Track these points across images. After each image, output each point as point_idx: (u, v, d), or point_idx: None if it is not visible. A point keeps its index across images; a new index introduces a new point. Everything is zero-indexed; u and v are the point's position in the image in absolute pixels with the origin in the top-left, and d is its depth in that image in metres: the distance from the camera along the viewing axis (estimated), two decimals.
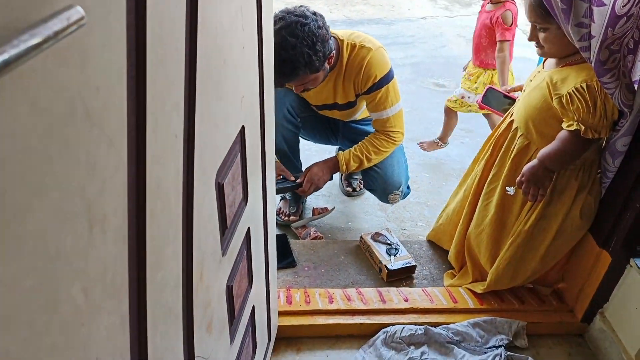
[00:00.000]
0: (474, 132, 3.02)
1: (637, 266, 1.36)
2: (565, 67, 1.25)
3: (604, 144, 1.33)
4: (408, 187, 2.08)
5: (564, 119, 1.24)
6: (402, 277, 1.72)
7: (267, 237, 1.24)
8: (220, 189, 0.79)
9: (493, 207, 1.48)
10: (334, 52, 1.65)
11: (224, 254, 0.84)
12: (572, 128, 1.20)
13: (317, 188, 1.87)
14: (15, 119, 0.31)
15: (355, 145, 1.85)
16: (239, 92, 0.83)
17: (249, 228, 1.01)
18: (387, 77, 1.74)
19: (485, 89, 1.67)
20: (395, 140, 1.85)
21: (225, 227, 0.84)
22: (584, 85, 1.17)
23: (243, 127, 0.88)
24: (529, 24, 1.28)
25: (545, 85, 1.26)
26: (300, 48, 1.47)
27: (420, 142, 2.75)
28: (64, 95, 0.36)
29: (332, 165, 1.87)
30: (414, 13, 5.41)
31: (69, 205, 0.38)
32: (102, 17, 0.40)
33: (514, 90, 1.62)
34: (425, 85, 3.66)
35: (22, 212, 0.33)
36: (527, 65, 3.97)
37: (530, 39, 1.30)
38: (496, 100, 1.66)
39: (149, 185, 0.52)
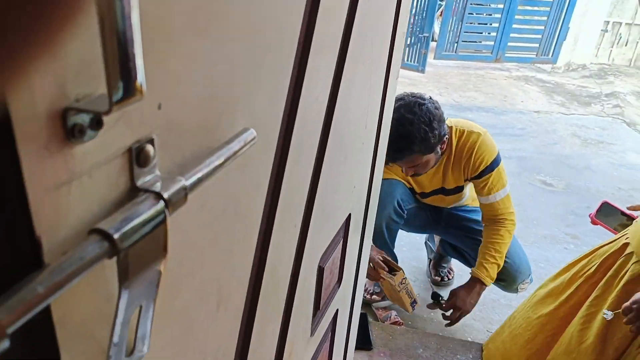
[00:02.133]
0: (581, 239, 2.82)
1: None
2: None
3: None
4: (531, 276, 1.99)
5: None
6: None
7: (351, 320, 1.24)
8: (320, 273, 0.82)
9: (593, 335, 1.35)
10: (447, 136, 1.68)
11: (312, 334, 0.87)
12: None
13: (466, 312, 1.86)
14: (186, 218, 0.37)
15: (479, 254, 1.82)
16: (352, 183, 0.88)
17: (337, 310, 1.03)
18: (497, 160, 1.76)
19: (600, 202, 1.58)
20: (510, 226, 1.81)
21: (318, 309, 0.87)
22: None
23: (350, 214, 0.92)
24: None
25: None
26: (417, 124, 1.54)
27: None
28: (223, 196, 0.42)
29: (478, 288, 1.83)
30: (526, 106, 5.32)
31: (206, 287, 0.43)
32: (264, 130, 0.46)
33: (634, 208, 1.51)
34: (531, 181, 3.52)
35: (174, 291, 0.39)
36: None
37: None
38: (611, 216, 1.56)
39: (267, 270, 0.56)
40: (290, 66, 0.48)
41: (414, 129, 1.54)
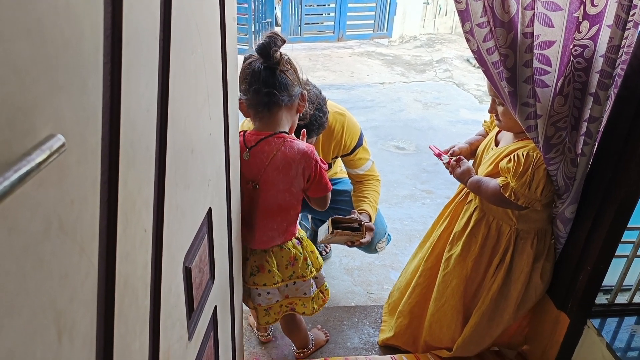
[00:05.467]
0: (435, 193, 3.12)
1: (594, 327, 1.41)
2: (518, 141, 1.35)
3: (555, 214, 1.40)
4: (389, 234, 2.11)
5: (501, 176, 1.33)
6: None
7: (234, 312, 1.22)
8: (187, 273, 0.79)
9: (455, 277, 1.51)
10: None
11: (190, 338, 0.83)
12: (499, 181, 1.30)
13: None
14: None
15: (363, 198, 1.88)
16: (206, 176, 0.85)
17: (215, 307, 1.01)
18: (362, 135, 1.86)
19: (430, 147, 1.70)
20: (379, 180, 1.93)
21: (192, 310, 0.84)
22: (524, 152, 1.27)
23: (210, 209, 0.90)
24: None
25: (498, 162, 1.34)
26: (312, 111, 1.57)
27: None
28: (40, 213, 0.38)
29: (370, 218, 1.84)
30: (372, 79, 5.69)
31: (39, 319, 0.39)
32: (80, 135, 0.42)
33: (451, 152, 1.65)
34: (386, 148, 3.79)
35: None
36: (479, 128, 4.21)
37: (489, 111, 1.40)
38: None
39: (118, 284, 0.52)
40: (98, 62, 0.44)
41: (307, 116, 1.55)
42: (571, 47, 1.17)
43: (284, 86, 1.24)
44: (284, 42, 1.26)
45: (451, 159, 1.48)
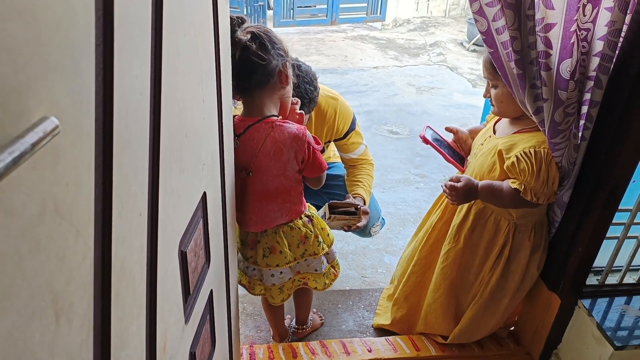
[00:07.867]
0: (428, 177, 3.13)
1: (585, 307, 1.44)
2: (516, 134, 1.32)
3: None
4: (383, 218, 2.12)
5: (511, 178, 1.29)
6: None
7: (229, 296, 1.23)
8: (183, 257, 0.79)
9: (454, 271, 1.51)
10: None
11: (186, 321, 0.84)
12: (514, 186, 1.26)
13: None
14: None
15: (357, 182, 1.89)
16: (200, 161, 0.85)
17: (211, 291, 1.01)
18: (355, 119, 1.86)
19: (425, 126, 1.68)
20: (370, 166, 1.94)
21: (188, 294, 0.85)
22: (531, 150, 1.23)
23: (205, 193, 0.90)
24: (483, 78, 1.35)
25: (496, 152, 1.32)
26: (303, 85, 1.56)
27: None
28: (35, 196, 0.37)
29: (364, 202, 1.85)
30: (365, 63, 5.65)
31: (37, 302, 0.39)
32: (73, 118, 0.42)
33: (450, 130, 1.63)
34: (380, 132, 3.79)
35: None
36: (473, 112, 4.22)
37: (484, 96, 1.37)
38: (438, 140, 1.69)
39: (114, 267, 0.52)
40: (90, 43, 0.44)
41: (300, 90, 1.54)
42: (573, 29, 1.14)
43: (251, 70, 1.18)
44: (243, 21, 1.20)
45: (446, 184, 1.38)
